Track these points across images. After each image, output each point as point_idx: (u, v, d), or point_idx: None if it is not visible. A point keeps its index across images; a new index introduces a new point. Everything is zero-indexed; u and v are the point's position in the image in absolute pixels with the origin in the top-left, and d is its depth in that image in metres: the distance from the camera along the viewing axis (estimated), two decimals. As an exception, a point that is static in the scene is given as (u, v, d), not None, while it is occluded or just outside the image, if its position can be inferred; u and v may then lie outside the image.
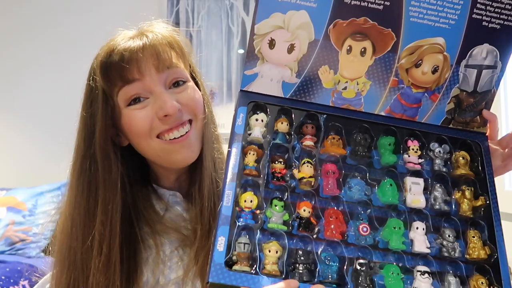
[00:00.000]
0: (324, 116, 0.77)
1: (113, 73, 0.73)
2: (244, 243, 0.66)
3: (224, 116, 0.89)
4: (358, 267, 0.69)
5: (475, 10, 0.75)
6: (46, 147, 2.56)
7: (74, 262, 0.75)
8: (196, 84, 0.82)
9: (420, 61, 0.77)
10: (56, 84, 2.59)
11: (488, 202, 0.75)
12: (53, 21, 2.66)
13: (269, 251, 0.67)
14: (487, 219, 0.74)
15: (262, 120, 0.75)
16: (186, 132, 0.77)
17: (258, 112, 0.76)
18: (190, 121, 0.78)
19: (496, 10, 0.75)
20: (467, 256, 0.72)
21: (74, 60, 2.47)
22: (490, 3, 0.75)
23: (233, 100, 2.54)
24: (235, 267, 0.64)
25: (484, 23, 0.76)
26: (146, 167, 0.86)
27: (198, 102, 0.79)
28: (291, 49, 0.74)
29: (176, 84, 0.77)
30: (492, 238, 0.73)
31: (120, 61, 0.73)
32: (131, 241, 0.77)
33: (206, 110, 0.81)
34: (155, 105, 0.74)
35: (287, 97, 0.77)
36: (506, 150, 0.82)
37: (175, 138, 0.76)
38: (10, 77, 2.69)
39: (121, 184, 0.76)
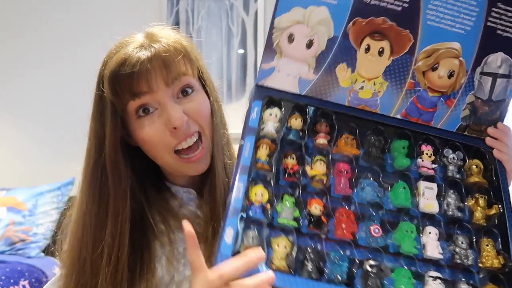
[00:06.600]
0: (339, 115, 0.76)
1: (122, 87, 0.73)
2: (253, 237, 0.64)
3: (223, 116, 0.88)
4: (369, 269, 0.66)
5: (490, 18, 0.75)
6: (47, 147, 2.55)
7: (84, 268, 0.75)
8: (206, 91, 0.81)
9: (437, 65, 0.76)
10: (56, 84, 2.58)
11: (502, 211, 0.73)
12: (53, 18, 2.64)
13: (278, 246, 0.65)
14: (500, 228, 0.72)
15: (276, 115, 0.74)
16: (199, 150, 0.76)
17: (272, 107, 0.75)
18: (199, 133, 0.77)
19: (511, 19, 0.76)
20: (480, 265, 0.70)
21: (76, 59, 2.49)
22: (505, 13, 0.75)
23: (233, 100, 2.53)
24: (243, 259, 0.62)
25: (498, 31, 0.76)
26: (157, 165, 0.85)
27: (205, 113, 0.78)
28: (310, 44, 0.74)
29: (185, 92, 0.76)
30: (506, 248, 0.71)
31: (130, 77, 0.72)
32: (143, 243, 0.77)
33: (215, 118, 0.80)
34: (163, 117, 0.73)
35: (303, 94, 0.77)
36: None
37: (189, 157, 0.76)
38: (10, 77, 2.68)
39: (131, 192, 0.76)
